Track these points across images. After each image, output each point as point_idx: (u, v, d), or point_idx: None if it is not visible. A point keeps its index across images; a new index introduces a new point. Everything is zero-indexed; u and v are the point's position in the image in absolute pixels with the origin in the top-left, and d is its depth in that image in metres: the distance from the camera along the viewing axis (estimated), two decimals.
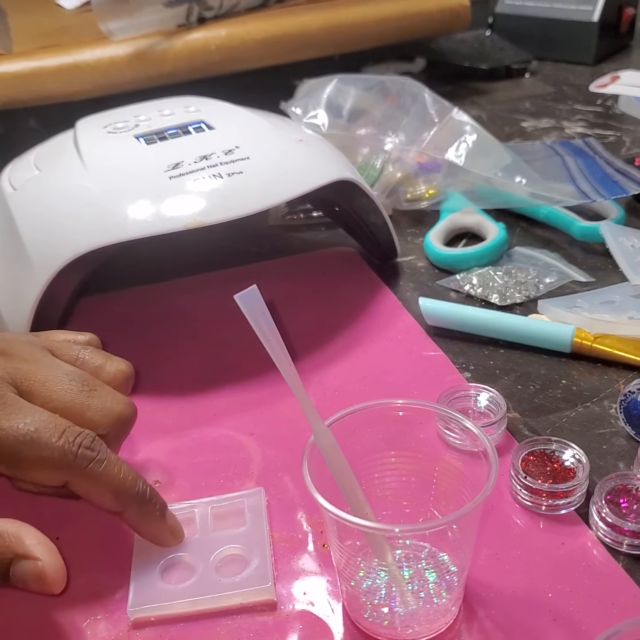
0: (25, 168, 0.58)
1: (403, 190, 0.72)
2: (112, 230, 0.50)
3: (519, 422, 0.49)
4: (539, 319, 0.56)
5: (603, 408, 0.49)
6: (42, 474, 0.38)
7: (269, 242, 0.71)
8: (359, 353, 0.55)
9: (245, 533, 0.41)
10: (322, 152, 0.61)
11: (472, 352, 0.55)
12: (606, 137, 0.87)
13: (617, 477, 0.42)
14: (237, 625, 0.37)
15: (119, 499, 0.38)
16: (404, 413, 0.38)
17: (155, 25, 0.84)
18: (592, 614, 0.37)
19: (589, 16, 1.07)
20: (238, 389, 0.53)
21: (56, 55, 0.81)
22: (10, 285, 0.54)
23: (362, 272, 0.65)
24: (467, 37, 1.14)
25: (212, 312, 0.61)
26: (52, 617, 0.38)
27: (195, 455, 0.48)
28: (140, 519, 0.39)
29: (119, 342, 0.58)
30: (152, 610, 0.38)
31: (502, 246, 0.65)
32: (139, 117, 0.61)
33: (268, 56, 0.88)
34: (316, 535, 0.42)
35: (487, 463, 0.34)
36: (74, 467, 0.38)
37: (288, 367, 0.35)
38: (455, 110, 0.73)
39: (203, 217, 0.50)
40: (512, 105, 0.98)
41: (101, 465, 0.38)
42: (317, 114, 0.77)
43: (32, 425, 0.38)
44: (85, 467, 0.38)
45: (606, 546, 0.40)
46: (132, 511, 0.39)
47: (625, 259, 0.59)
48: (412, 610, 0.36)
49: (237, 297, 0.34)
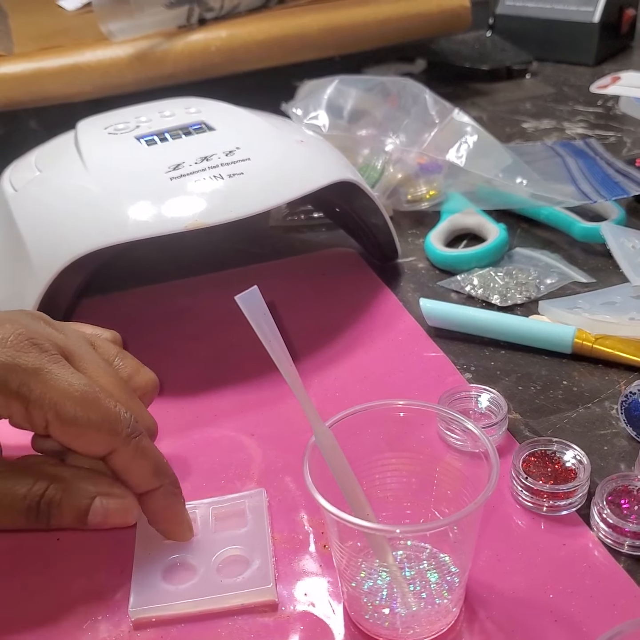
0: (26, 169, 0.58)
1: (404, 191, 0.72)
2: (113, 231, 0.50)
3: (520, 423, 0.49)
4: (540, 320, 0.56)
5: (604, 409, 0.49)
6: (95, 437, 0.38)
7: (270, 243, 0.71)
8: (359, 354, 0.55)
9: (246, 534, 0.41)
10: (323, 153, 0.61)
11: (473, 353, 0.55)
12: (607, 138, 0.87)
13: (618, 478, 0.42)
14: (238, 626, 0.37)
15: (158, 474, 0.40)
16: (404, 414, 0.38)
17: (156, 26, 0.84)
18: (593, 615, 0.37)
19: (590, 17, 1.07)
20: (239, 390, 0.53)
21: (57, 57, 0.81)
22: (11, 286, 0.54)
23: (362, 273, 0.65)
24: (467, 38, 1.14)
25: (212, 313, 0.61)
26: (53, 618, 0.38)
27: (196, 456, 0.48)
28: (170, 500, 0.40)
29: None
30: (153, 610, 0.38)
31: (502, 247, 0.65)
32: (140, 118, 0.61)
33: (269, 57, 0.88)
34: (317, 536, 0.42)
35: (488, 464, 0.34)
36: (126, 436, 0.38)
37: (289, 368, 0.35)
38: (456, 111, 0.73)
39: (204, 218, 0.50)
40: (513, 106, 0.98)
41: (145, 440, 0.40)
42: (317, 115, 0.77)
43: (94, 387, 0.39)
44: (135, 437, 0.39)
45: (607, 547, 0.40)
46: (165, 490, 0.40)
47: (626, 259, 0.59)
48: (413, 611, 0.36)
49: (238, 298, 0.34)
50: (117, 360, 0.44)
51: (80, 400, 0.38)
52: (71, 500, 0.39)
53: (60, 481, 0.39)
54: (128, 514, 0.40)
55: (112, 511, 0.39)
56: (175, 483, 0.41)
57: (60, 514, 0.39)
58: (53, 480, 0.39)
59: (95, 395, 0.38)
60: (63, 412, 0.38)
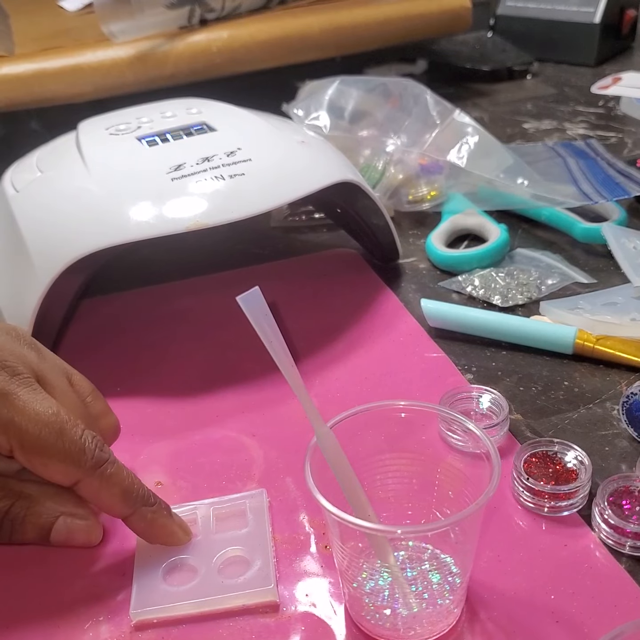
0: (28, 170, 0.58)
1: (405, 191, 0.72)
2: (114, 231, 0.50)
3: (521, 424, 0.49)
4: (541, 321, 0.55)
5: (605, 410, 0.49)
6: (58, 468, 0.38)
7: (271, 244, 0.71)
8: (360, 354, 0.55)
9: (247, 534, 0.41)
10: (324, 153, 0.61)
11: (474, 354, 0.55)
12: (608, 138, 0.87)
13: (619, 478, 0.42)
14: (239, 626, 0.37)
15: (129, 500, 0.39)
16: (406, 415, 0.38)
17: (157, 27, 0.84)
18: (594, 615, 0.37)
19: (591, 18, 1.07)
20: (240, 391, 0.53)
21: (58, 57, 0.81)
22: (12, 287, 0.54)
23: (363, 274, 0.65)
24: (468, 38, 1.14)
25: (214, 314, 0.61)
26: (54, 619, 0.38)
27: (197, 457, 0.48)
28: (150, 520, 0.40)
29: (121, 344, 0.59)
30: (154, 612, 0.38)
31: (504, 248, 0.65)
32: (141, 119, 0.61)
33: (270, 58, 0.88)
34: (318, 536, 0.42)
35: (490, 465, 0.34)
36: (90, 467, 0.38)
37: (290, 369, 0.35)
38: (457, 112, 0.73)
39: (205, 219, 0.50)
40: (514, 106, 0.98)
41: (112, 467, 0.39)
42: (319, 115, 0.77)
43: (61, 416, 0.38)
44: (99, 467, 0.39)
45: (609, 548, 0.40)
46: (141, 513, 0.39)
47: (627, 260, 0.59)
48: (414, 612, 0.36)
49: (239, 298, 0.34)
50: (89, 398, 0.44)
51: (45, 429, 0.38)
52: (34, 518, 0.40)
53: (25, 498, 0.40)
54: (91, 534, 0.41)
55: (75, 531, 0.40)
56: (149, 502, 0.40)
57: (23, 531, 0.40)
58: (19, 497, 0.40)
59: (61, 425, 0.38)
60: (27, 441, 0.38)
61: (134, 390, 0.53)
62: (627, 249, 0.60)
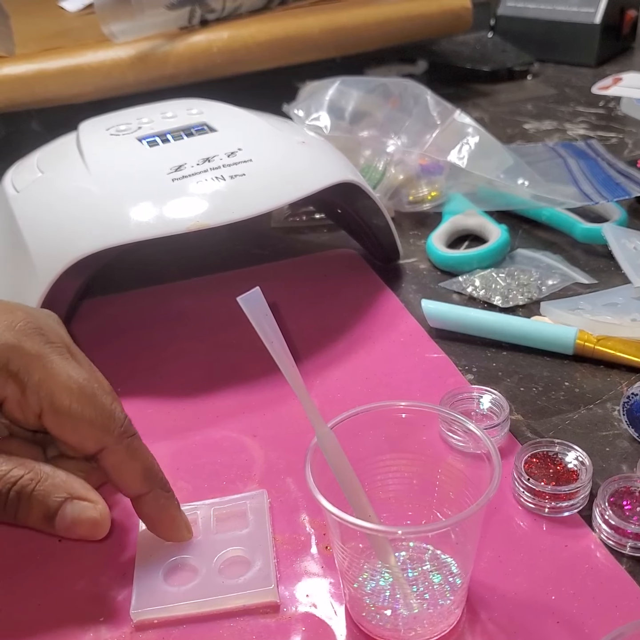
0: (28, 170, 0.58)
1: (405, 192, 0.72)
2: (115, 232, 0.50)
3: (521, 424, 0.49)
4: (542, 321, 0.55)
5: (606, 410, 0.49)
6: (87, 432, 0.38)
7: (271, 244, 0.71)
8: (361, 355, 0.55)
9: (248, 535, 0.41)
10: (325, 154, 0.61)
11: (475, 354, 0.55)
12: (608, 139, 0.87)
13: (620, 479, 0.42)
14: (239, 627, 0.37)
15: (148, 478, 0.39)
16: (406, 415, 0.38)
17: (157, 28, 0.84)
18: (595, 616, 0.37)
19: (591, 18, 1.07)
20: (241, 391, 0.53)
21: (59, 58, 0.81)
22: (13, 288, 0.54)
23: (364, 274, 0.65)
24: (469, 39, 1.14)
25: (214, 314, 0.61)
26: (54, 619, 0.38)
27: (197, 457, 0.48)
28: (161, 506, 0.40)
29: (121, 344, 0.59)
30: (155, 612, 0.38)
31: (504, 248, 0.65)
32: (142, 119, 0.61)
33: (270, 58, 0.88)
34: (319, 537, 0.42)
35: (490, 465, 0.34)
36: (118, 435, 0.38)
37: (291, 369, 0.35)
38: (458, 112, 0.73)
39: (205, 219, 0.50)
40: (514, 107, 0.98)
41: (138, 442, 0.39)
42: (319, 116, 0.77)
43: (93, 382, 0.39)
44: (127, 437, 0.39)
45: (609, 548, 0.40)
46: (155, 494, 0.40)
47: (627, 261, 0.59)
48: (415, 612, 0.36)
49: (240, 299, 0.34)
50: None
51: (78, 393, 0.38)
52: (42, 496, 0.38)
53: (37, 474, 0.39)
54: (98, 526, 0.39)
55: (81, 520, 0.38)
56: (165, 487, 0.40)
57: (29, 508, 0.38)
58: (31, 471, 0.39)
59: (92, 390, 0.39)
60: (59, 402, 0.38)
61: (134, 390, 0.53)
62: (627, 250, 0.60)
